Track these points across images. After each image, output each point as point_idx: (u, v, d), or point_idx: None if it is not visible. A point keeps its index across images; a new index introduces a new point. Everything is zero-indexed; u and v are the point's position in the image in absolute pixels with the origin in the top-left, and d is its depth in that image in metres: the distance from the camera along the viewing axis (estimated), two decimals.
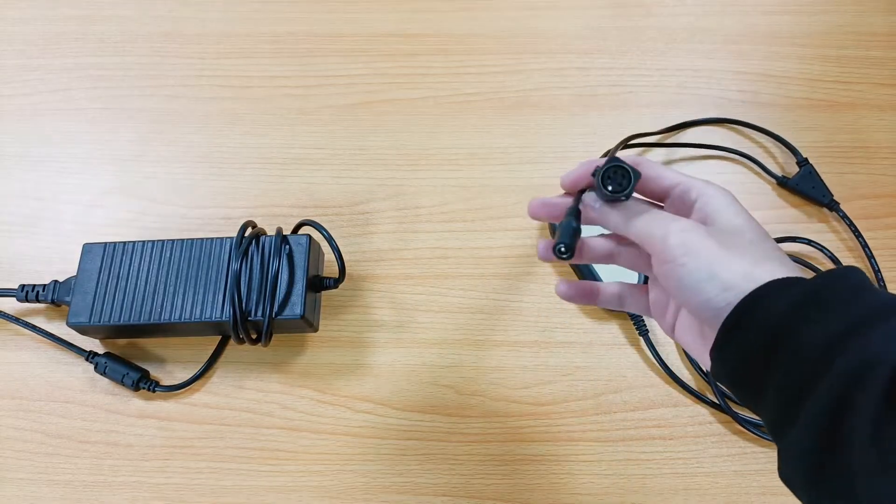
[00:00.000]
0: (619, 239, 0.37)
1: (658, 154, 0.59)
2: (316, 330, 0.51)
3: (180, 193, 0.58)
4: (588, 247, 0.37)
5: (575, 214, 0.34)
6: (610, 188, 0.33)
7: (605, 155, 0.56)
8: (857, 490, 0.24)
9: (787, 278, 0.29)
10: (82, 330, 0.50)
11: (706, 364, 0.33)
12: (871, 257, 0.53)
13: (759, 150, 0.59)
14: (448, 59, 0.63)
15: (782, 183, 0.56)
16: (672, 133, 0.59)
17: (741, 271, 0.29)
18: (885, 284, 0.53)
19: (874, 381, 0.24)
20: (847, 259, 0.54)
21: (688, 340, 0.35)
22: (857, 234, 0.54)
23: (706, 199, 0.33)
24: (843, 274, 0.29)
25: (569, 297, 0.39)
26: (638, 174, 0.33)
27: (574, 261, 0.36)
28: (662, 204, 0.36)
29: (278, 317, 0.47)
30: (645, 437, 0.49)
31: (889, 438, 0.23)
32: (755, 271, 0.29)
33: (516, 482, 0.49)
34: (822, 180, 0.56)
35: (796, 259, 0.54)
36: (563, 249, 0.33)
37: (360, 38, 0.64)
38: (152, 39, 0.64)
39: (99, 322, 0.48)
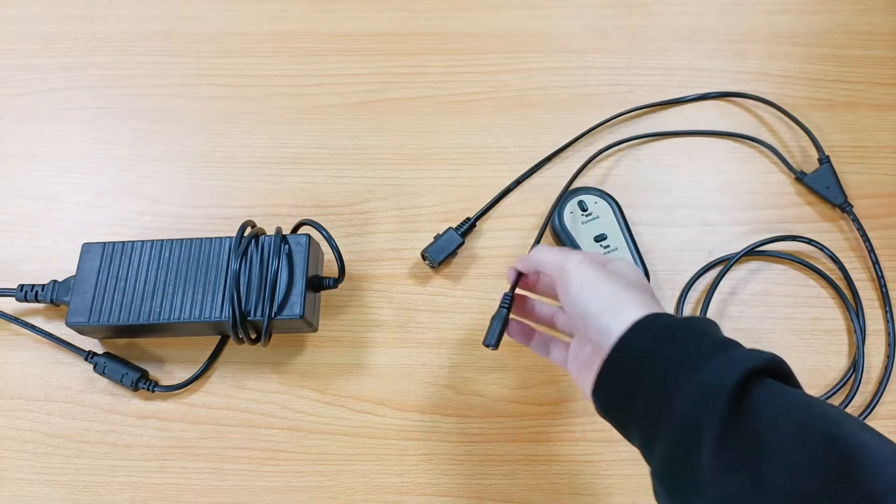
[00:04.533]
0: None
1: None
2: (315, 330, 0.51)
3: (180, 193, 0.58)
4: (534, 308, 0.46)
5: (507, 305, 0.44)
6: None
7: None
8: (704, 484, 0.29)
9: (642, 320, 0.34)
10: (81, 330, 0.50)
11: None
12: (875, 262, 0.53)
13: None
14: (448, 59, 0.63)
15: (799, 178, 0.56)
16: (689, 103, 0.60)
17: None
18: (885, 283, 0.53)
19: (714, 402, 0.30)
20: (850, 259, 0.54)
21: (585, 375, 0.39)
22: (865, 239, 0.54)
23: (561, 289, 0.39)
24: (694, 321, 0.34)
25: (512, 335, 0.45)
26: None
27: (524, 319, 0.46)
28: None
29: (278, 317, 0.47)
30: None
31: (733, 447, 0.29)
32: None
33: (516, 482, 0.49)
34: (838, 180, 0.55)
35: (796, 259, 0.54)
36: (490, 343, 0.43)
37: (360, 38, 0.64)
38: (152, 39, 0.64)
39: (98, 322, 0.48)
